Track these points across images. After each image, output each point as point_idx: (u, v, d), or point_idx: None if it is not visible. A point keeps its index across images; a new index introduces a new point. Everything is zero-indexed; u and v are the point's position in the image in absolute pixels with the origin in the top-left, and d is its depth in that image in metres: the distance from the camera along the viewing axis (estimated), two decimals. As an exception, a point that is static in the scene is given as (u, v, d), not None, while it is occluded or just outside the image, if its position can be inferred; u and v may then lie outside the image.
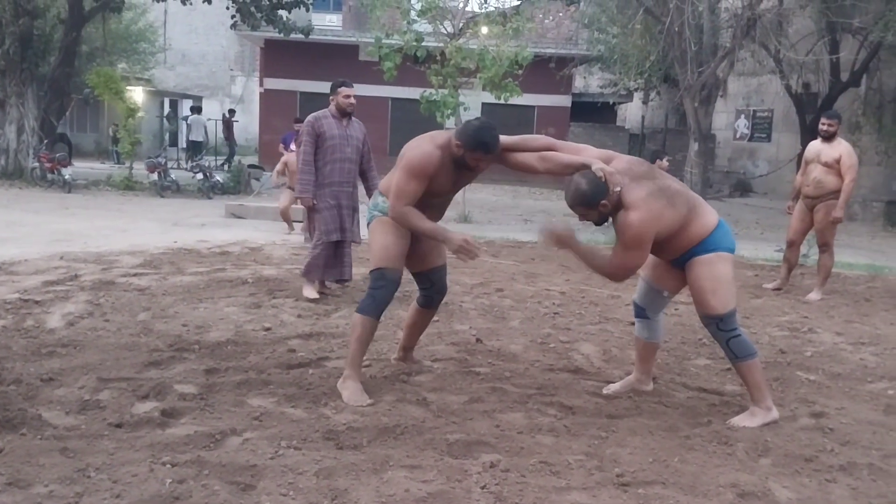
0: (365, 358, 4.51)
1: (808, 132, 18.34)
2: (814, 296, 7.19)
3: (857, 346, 5.47)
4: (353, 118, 6.28)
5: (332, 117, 6.16)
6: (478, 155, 3.78)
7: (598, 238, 10.91)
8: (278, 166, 10.66)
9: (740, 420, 3.78)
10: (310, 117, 6.19)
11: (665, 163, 8.73)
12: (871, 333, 5.90)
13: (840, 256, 10.20)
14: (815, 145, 7.33)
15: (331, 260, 6.23)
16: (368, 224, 4.04)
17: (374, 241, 3.95)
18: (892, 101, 17.74)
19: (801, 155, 7.76)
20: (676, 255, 3.82)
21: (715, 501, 2.95)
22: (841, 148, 7.12)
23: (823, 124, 7.25)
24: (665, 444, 3.46)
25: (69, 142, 20.43)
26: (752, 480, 3.12)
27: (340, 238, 6.21)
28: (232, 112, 24.42)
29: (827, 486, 3.15)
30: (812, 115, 18.42)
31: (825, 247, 7.30)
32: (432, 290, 4.25)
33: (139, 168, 16.11)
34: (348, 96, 6.13)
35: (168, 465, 3.00)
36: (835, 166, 7.07)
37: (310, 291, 6.18)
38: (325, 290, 6.40)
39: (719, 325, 3.78)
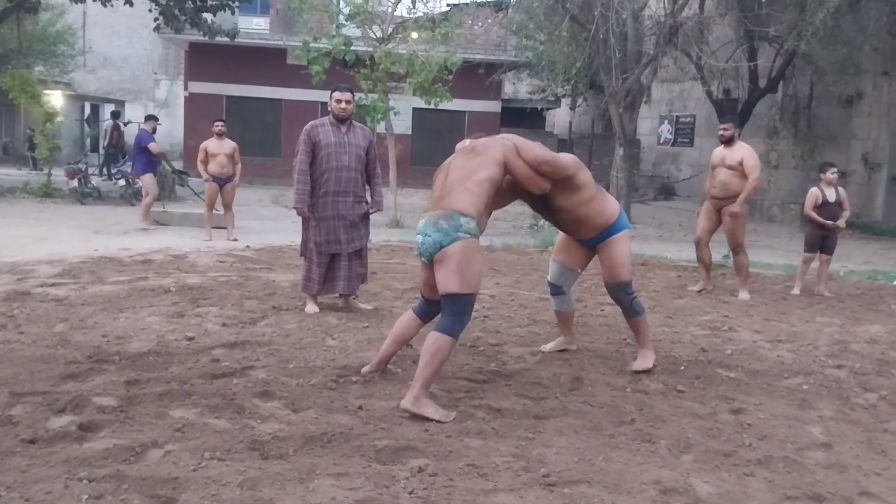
0: (292, 365, 4.48)
1: (729, 137, 18.97)
2: (744, 296, 7.43)
3: (774, 344, 5.66)
4: (356, 124, 6.06)
5: (329, 124, 5.92)
6: None
7: (527, 241, 11.04)
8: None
9: (640, 364, 4.71)
10: (307, 125, 5.94)
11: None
12: (789, 331, 6.11)
13: (759, 257, 10.57)
14: (719, 150, 7.68)
15: (328, 274, 5.95)
16: (442, 245, 3.85)
17: (467, 265, 3.85)
18: (807, 107, 18.48)
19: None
20: (593, 234, 4.61)
21: (638, 499, 3.01)
22: (742, 151, 7.44)
23: (719, 129, 7.63)
24: (590, 443, 3.52)
25: None
26: (673, 477, 3.20)
27: (335, 251, 5.92)
28: (116, 114, 23.02)
29: (745, 480, 3.24)
30: (732, 120, 19.03)
31: (738, 247, 7.56)
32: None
33: (58, 174, 15.57)
34: (339, 101, 5.87)
35: (85, 481, 2.90)
36: (738, 168, 7.38)
37: (311, 307, 5.93)
38: (348, 304, 6.11)
39: (626, 290, 4.68)
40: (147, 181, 11.14)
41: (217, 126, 10.24)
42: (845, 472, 3.39)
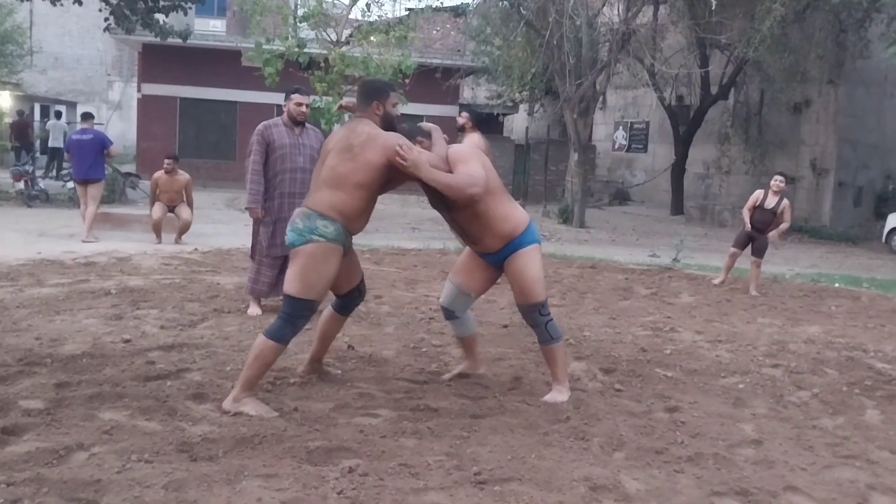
0: (229, 368, 4.42)
1: (682, 143, 19.28)
2: None
3: (714, 344, 5.74)
4: (308, 126, 6.05)
5: (283, 125, 5.90)
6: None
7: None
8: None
9: (553, 397, 4.13)
10: (260, 125, 5.91)
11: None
12: (729, 332, 6.21)
13: (709, 261, 10.75)
14: None
15: (278, 276, 5.85)
16: (294, 245, 3.79)
17: (310, 269, 3.74)
18: (757, 113, 18.86)
19: (674, 165, 8.18)
20: (497, 244, 4.07)
21: (568, 495, 3.02)
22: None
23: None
24: (524, 441, 3.52)
25: None
26: (604, 474, 3.22)
27: (289, 252, 5.88)
28: (21, 113, 22.28)
29: (675, 477, 3.28)
30: (685, 126, 19.37)
31: None
32: (357, 298, 4.28)
33: (4, 176, 15.21)
34: (300, 104, 5.89)
35: (3, 485, 2.82)
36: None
37: (253, 309, 5.87)
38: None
39: (541, 311, 4.12)
40: (101, 188, 10.26)
41: (166, 164, 9.77)
42: (773, 467, 3.44)
